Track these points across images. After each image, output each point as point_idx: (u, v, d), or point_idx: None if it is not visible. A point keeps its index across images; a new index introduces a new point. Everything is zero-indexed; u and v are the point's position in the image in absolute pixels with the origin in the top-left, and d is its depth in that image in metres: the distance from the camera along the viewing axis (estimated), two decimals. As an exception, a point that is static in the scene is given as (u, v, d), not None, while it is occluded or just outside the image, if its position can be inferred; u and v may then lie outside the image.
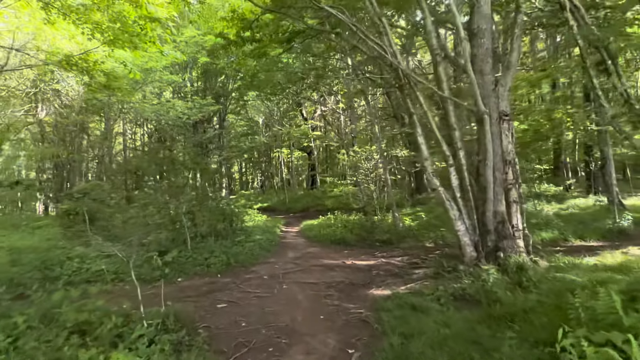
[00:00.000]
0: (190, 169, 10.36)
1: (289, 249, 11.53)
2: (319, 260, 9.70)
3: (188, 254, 9.37)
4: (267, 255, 10.34)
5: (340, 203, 15.45)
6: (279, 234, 14.42)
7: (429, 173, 7.60)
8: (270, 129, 31.89)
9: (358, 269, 8.58)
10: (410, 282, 7.19)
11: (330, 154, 36.57)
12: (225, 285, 7.55)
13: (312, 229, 14.41)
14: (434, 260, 8.76)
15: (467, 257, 7.39)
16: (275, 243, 12.12)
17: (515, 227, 7.44)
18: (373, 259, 9.66)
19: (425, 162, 7.63)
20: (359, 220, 13.61)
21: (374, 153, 14.82)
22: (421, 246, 10.77)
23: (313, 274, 8.30)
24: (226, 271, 8.74)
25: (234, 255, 9.49)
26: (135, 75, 14.33)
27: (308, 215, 20.59)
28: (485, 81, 7.47)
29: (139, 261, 8.61)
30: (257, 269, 8.88)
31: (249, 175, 48.79)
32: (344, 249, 11.15)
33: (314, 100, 23.46)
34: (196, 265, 8.84)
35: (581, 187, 21.93)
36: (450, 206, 7.44)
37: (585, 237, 10.19)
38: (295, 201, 25.97)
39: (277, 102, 29.73)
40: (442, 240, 10.94)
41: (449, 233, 11.24)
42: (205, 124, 19.86)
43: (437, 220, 13.12)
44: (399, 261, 9.19)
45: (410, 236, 11.53)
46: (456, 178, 7.58)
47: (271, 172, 39.63)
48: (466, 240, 7.42)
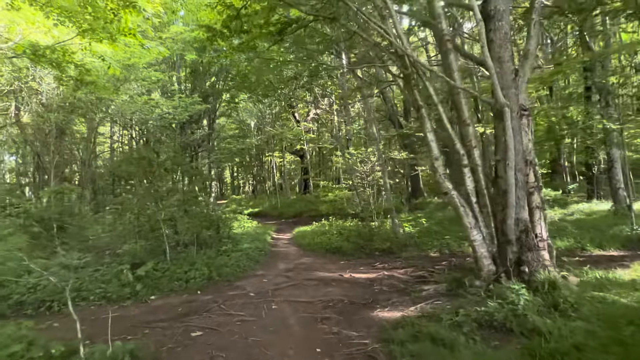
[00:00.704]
0: (170, 170, 9.18)
1: (280, 259, 10.40)
2: (313, 272, 8.58)
3: (166, 267, 8.19)
4: (255, 267, 9.19)
5: (335, 208, 14.37)
6: (270, 241, 13.28)
7: (441, 175, 6.54)
8: (262, 132, 30.76)
9: (357, 284, 7.48)
10: (420, 301, 6.09)
11: (323, 157, 35.52)
12: (204, 304, 6.39)
13: (305, 236, 13.29)
14: (444, 274, 7.71)
15: (484, 272, 6.33)
16: (265, 252, 10.97)
17: (540, 236, 6.39)
18: (373, 270, 8.56)
19: (436, 163, 6.57)
20: (356, 227, 12.52)
21: (371, 155, 13.77)
22: (425, 256, 9.70)
23: (307, 289, 7.18)
24: (208, 287, 7.58)
25: (218, 268, 8.33)
26: (115, 71, 13.21)
27: (301, 221, 19.47)
28: (505, 70, 6.44)
29: (108, 275, 7.47)
30: (243, 283, 7.74)
31: (241, 180, 47.50)
32: (340, 259, 10.05)
33: (307, 101, 22.40)
34: (174, 280, 7.66)
35: (581, 192, 20.99)
36: (464, 213, 6.38)
37: (604, 246, 9.18)
38: (288, 206, 24.83)
39: (269, 104, 28.64)
40: (448, 250, 9.89)
41: (454, 241, 10.22)
42: (193, 125, 18.68)
43: (439, 227, 12.11)
44: (403, 274, 8.10)
45: (412, 244, 10.45)
46: (471, 180, 6.53)
47: (263, 176, 38.44)
48: (483, 251, 6.36)
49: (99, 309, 6.44)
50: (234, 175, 48.46)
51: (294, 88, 18.68)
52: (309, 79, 16.58)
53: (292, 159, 37.40)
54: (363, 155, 13.88)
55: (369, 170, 13.75)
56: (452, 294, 6.33)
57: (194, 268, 8.18)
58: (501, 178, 6.39)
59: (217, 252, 9.83)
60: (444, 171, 6.58)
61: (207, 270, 8.10)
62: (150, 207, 9.05)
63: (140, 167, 8.88)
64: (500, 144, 6.42)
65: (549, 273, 5.68)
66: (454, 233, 11.15)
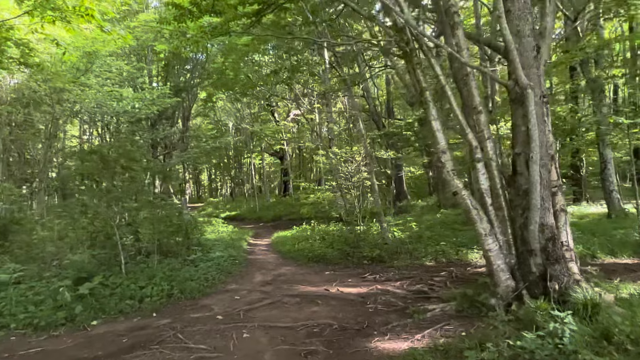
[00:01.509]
0: (127, 168, 7.74)
1: (257, 269, 9.05)
2: (294, 286, 7.27)
3: (118, 281, 6.73)
4: (226, 280, 7.82)
5: (318, 211, 13.11)
6: (246, 248, 11.90)
7: (449, 171, 5.35)
8: (240, 132, 29.28)
9: (347, 301, 6.21)
10: (426, 326, 4.87)
11: (304, 159, 34.24)
12: (158, 333, 5.00)
13: (285, 242, 11.97)
14: (447, 288, 6.53)
15: (500, 288, 5.17)
16: (240, 261, 9.59)
17: (566, 245, 5.28)
18: (364, 283, 7.32)
19: (443, 156, 5.37)
20: (341, 232, 11.28)
21: (356, 154, 12.57)
22: (420, 265, 8.52)
23: (287, 310, 5.87)
24: (166, 307, 6.18)
25: (181, 283, 6.92)
26: (71, 57, 11.66)
27: (280, 224, 18.14)
28: (525, 46, 5.31)
29: (43, 295, 6.00)
30: (210, 302, 6.36)
31: (219, 182, 45.76)
32: (324, 269, 8.78)
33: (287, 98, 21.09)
34: (125, 298, 6.22)
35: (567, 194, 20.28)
36: (477, 217, 5.21)
37: (615, 253, 8.19)
38: (267, 209, 23.44)
39: (248, 104, 27.21)
40: (445, 258, 8.75)
41: (450, 248, 9.09)
42: (164, 121, 17.13)
43: (431, 232, 10.97)
44: (399, 287, 6.88)
45: (404, 252, 9.26)
46: (486, 178, 5.36)
47: (242, 178, 36.89)
48: (499, 264, 5.19)
49: (21, 340, 4.98)
50: (212, 177, 46.64)
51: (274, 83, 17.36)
52: (289, 74, 15.31)
53: (272, 160, 35.99)
54: (348, 154, 12.66)
55: (354, 170, 12.54)
56: (464, 315, 5.15)
57: (152, 283, 6.76)
58: (521, 175, 5.26)
59: (183, 262, 8.43)
60: (452, 167, 5.39)
61: (167, 285, 6.69)
62: (103, 210, 7.57)
63: (92, 163, 7.41)
64: (519, 134, 5.30)
65: (586, 291, 4.54)
66: (448, 239, 10.06)
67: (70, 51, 11.93)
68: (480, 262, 8.30)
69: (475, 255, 8.67)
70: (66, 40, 12.37)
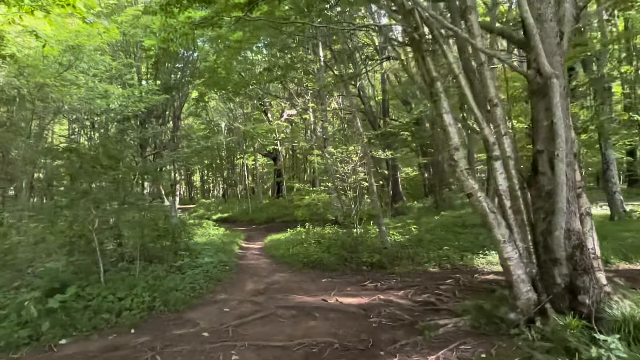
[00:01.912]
0: (107, 168, 7.05)
1: (248, 276, 8.39)
2: (289, 296, 6.63)
3: (95, 292, 6.05)
4: (215, 289, 7.15)
5: (313, 214, 12.47)
6: (237, 252, 11.22)
7: (462, 170, 4.76)
8: (233, 132, 28.54)
9: (348, 314, 5.59)
10: (439, 345, 4.27)
11: (297, 160, 33.60)
12: (133, 354, 4.34)
13: (279, 246, 11.32)
14: (455, 299, 5.94)
15: (521, 301, 4.58)
16: (231, 267, 8.92)
17: (593, 253, 4.71)
18: (364, 292, 6.70)
19: (456, 154, 4.78)
20: (337, 236, 10.65)
21: (353, 154, 11.97)
22: (423, 272, 7.92)
23: (282, 325, 5.23)
24: (147, 322, 5.51)
25: (165, 293, 6.25)
26: (52, 51, 10.92)
27: (273, 227, 17.47)
28: (547, 32, 4.75)
29: (8, 309, 5.30)
30: (196, 315, 5.70)
31: (211, 183, 44.92)
32: (321, 276, 8.15)
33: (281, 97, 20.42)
34: (101, 311, 5.54)
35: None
36: (495, 222, 4.62)
37: (630, 259, 7.67)
38: (260, 211, 22.75)
39: (241, 104, 26.48)
40: (449, 263, 8.15)
41: (454, 253, 8.51)
42: (153, 120, 16.39)
43: (431, 235, 10.40)
44: (403, 297, 6.27)
45: (405, 257, 8.67)
46: (504, 178, 4.78)
47: (234, 179, 36.12)
48: (520, 274, 4.61)
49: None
50: (204, 178, 45.80)
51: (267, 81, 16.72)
52: (283, 71, 14.68)
53: (265, 161, 35.29)
54: (344, 154, 12.05)
55: (351, 170, 11.94)
56: (481, 332, 4.55)
57: (133, 294, 6.08)
58: (543, 175, 4.68)
59: (169, 268, 7.75)
60: (466, 165, 4.80)
61: (148, 296, 6.02)
62: (81, 213, 6.88)
63: (68, 162, 6.72)
64: (541, 129, 4.72)
65: (624, 307, 3.96)
66: (450, 243, 9.49)
67: (51, 44, 11.19)
68: (487, 269, 7.74)
69: (481, 261, 8.10)
70: (48, 33, 11.66)
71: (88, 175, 6.97)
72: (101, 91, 11.32)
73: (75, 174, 6.98)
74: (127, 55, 15.06)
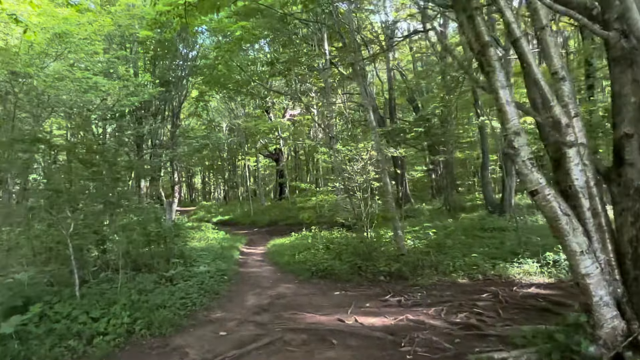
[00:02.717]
0: (86, 163, 5.97)
1: (250, 287, 7.26)
2: (298, 314, 5.51)
3: (65, 311, 4.94)
4: (211, 306, 6.01)
5: (320, 216, 11.36)
6: (237, 259, 10.11)
7: (525, 161, 3.64)
8: (234, 133, 27.48)
9: (372, 340, 4.47)
10: (504, 392, 3.14)
11: (300, 162, 32.53)
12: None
13: (283, 252, 10.19)
14: (501, 320, 4.82)
15: (604, 330, 3.46)
16: (229, 276, 7.80)
17: (696, 268, 3.59)
18: (387, 309, 5.58)
19: (516, 139, 3.66)
20: (348, 241, 9.54)
21: (363, 152, 10.88)
22: (451, 283, 6.79)
23: (291, 356, 4.11)
24: (123, 350, 4.40)
25: (149, 312, 5.12)
26: (34, 37, 9.87)
27: (276, 230, 16.35)
28: (634, -17, 3.64)
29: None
30: (184, 341, 4.58)
31: (212, 185, 43.85)
32: (333, 287, 7.03)
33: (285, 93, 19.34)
34: (68, 337, 4.44)
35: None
36: (569, 227, 3.50)
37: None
38: (262, 213, 21.63)
39: (242, 103, 25.45)
40: (480, 274, 7.01)
41: (484, 261, 7.37)
42: (151, 117, 15.31)
43: (451, 240, 9.27)
44: (435, 316, 5.15)
45: (427, 265, 7.53)
46: (581, 171, 3.66)
47: (236, 181, 35.02)
48: (602, 294, 3.48)
49: None
50: (205, 180, 44.73)
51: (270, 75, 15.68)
52: (287, 64, 13.64)
53: (267, 163, 34.23)
54: (353, 152, 10.95)
55: (361, 169, 10.84)
56: (555, 371, 3.43)
57: (111, 313, 4.96)
58: (631, 166, 3.57)
59: (159, 279, 6.65)
60: (529, 155, 3.68)
61: (128, 317, 4.89)
62: (53, 215, 5.78)
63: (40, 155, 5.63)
64: (627, 106, 3.61)
65: None
66: (474, 248, 8.37)
67: (36, 31, 10.13)
68: (525, 280, 6.60)
69: (516, 271, 6.96)
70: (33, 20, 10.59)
71: (64, 172, 5.88)
72: (90, 84, 10.22)
73: (47, 169, 5.88)
74: (121, 48, 14.00)
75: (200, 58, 18.85)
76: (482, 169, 16.33)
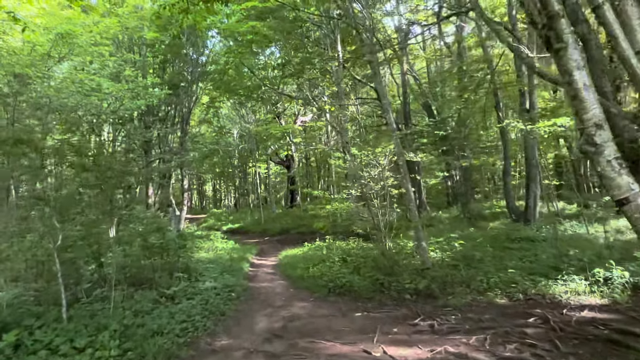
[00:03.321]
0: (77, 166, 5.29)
1: (260, 306, 6.48)
2: (316, 342, 4.70)
3: (47, 338, 4.22)
4: (215, 330, 5.22)
5: (336, 225, 10.55)
6: (247, 272, 9.34)
7: (609, 160, 2.83)
8: (245, 140, 26.89)
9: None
10: None
11: (311, 168, 31.80)
12: None
13: (296, 264, 9.39)
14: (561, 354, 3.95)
15: None
16: (238, 293, 7.02)
17: None
18: (420, 336, 4.75)
19: (598, 134, 2.86)
20: (366, 252, 8.72)
21: (380, 156, 10.09)
22: (487, 304, 5.92)
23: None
24: (107, 393, 3.63)
25: (142, 340, 4.37)
26: (35, 37, 9.34)
27: (288, 239, 15.56)
28: None
29: None
30: (182, 380, 3.80)
31: (222, 192, 43.32)
32: (353, 307, 6.20)
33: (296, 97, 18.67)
34: (44, 373, 3.68)
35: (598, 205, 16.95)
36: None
37: None
38: (273, 221, 20.86)
39: (253, 109, 24.85)
40: (520, 292, 6.12)
41: (523, 277, 6.49)
42: (159, 123, 14.72)
43: (480, 252, 8.36)
44: (480, 348, 4.30)
45: (457, 281, 6.67)
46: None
47: (246, 188, 34.38)
48: None
49: None
50: (215, 187, 44.24)
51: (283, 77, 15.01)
52: (299, 65, 12.95)
53: (278, 170, 33.56)
54: (370, 156, 10.16)
55: (378, 175, 10.04)
56: None
57: (98, 342, 4.21)
58: None
59: (159, 297, 5.91)
60: (615, 153, 2.86)
61: (117, 347, 4.13)
62: (39, 226, 5.09)
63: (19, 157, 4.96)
64: None
65: None
66: (505, 261, 7.49)
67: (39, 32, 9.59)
68: (574, 301, 5.71)
69: (561, 289, 6.06)
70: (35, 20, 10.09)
71: (51, 176, 5.21)
72: (93, 86, 9.62)
73: (32, 173, 5.20)
74: (130, 51, 13.47)
75: (211, 63, 18.34)
76: (504, 175, 15.38)
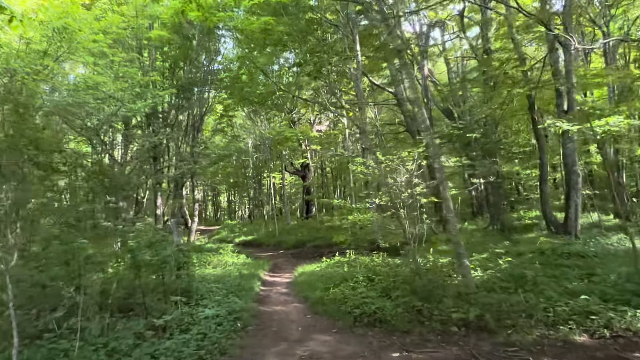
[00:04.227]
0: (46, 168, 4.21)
1: (271, 339, 5.21)
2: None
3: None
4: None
5: (359, 239, 9.27)
6: (258, 292, 8.09)
7: None
8: (259, 150, 25.96)
9: None
10: None
11: (327, 179, 30.63)
12: None
13: (314, 283, 8.09)
14: None
15: None
16: (245, 322, 5.77)
17: None
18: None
19: None
20: (396, 271, 7.41)
21: (408, 161, 8.83)
22: (564, 342, 4.54)
23: None
24: None
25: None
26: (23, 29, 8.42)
27: (304, 253, 14.30)
28: None
29: None
30: None
31: (237, 204, 42.39)
32: (388, 343, 4.89)
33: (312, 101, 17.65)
34: None
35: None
36: None
37: None
38: (287, 233, 19.65)
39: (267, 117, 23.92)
40: (602, 326, 4.72)
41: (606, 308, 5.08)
42: (168, 128, 13.77)
43: (532, 271, 6.93)
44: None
45: (515, 310, 5.28)
46: None
47: (261, 199, 33.32)
48: None
49: None
50: (230, 199, 43.36)
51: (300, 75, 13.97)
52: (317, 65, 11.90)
53: (293, 180, 32.45)
54: (396, 161, 8.90)
55: (405, 183, 8.76)
56: None
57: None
58: None
59: (146, 330, 4.70)
60: None
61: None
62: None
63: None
64: None
65: None
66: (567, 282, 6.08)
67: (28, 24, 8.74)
68: (681, 340, 4.29)
69: (656, 322, 4.65)
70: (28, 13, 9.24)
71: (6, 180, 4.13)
72: (90, 84, 8.67)
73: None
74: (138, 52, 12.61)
75: (224, 70, 17.53)
76: (541, 183, 13.88)
